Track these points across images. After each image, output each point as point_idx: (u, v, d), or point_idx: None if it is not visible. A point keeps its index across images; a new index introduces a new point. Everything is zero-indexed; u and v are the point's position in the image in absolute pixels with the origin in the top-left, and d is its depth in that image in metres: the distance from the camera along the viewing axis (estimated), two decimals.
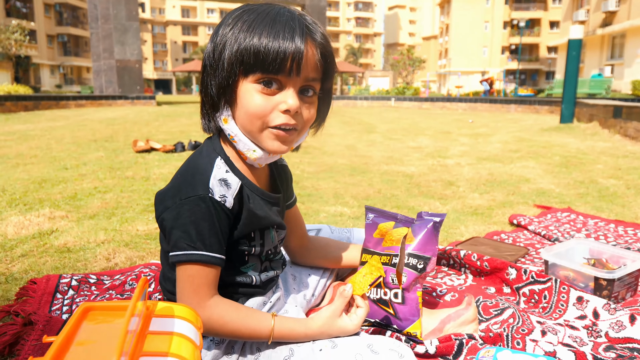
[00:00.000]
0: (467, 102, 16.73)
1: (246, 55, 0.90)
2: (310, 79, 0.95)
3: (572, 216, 2.42)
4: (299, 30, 0.90)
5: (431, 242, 1.18)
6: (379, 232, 1.19)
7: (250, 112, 0.93)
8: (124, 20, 16.69)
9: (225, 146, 1.02)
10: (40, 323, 1.16)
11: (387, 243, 1.19)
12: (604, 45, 28.47)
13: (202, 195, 0.93)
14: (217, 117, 0.99)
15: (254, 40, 0.89)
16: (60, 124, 8.19)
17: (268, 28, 0.89)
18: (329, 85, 1.02)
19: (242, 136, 0.97)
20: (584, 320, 1.30)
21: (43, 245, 1.96)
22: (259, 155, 0.99)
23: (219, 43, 0.93)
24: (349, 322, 0.99)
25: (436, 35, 64.68)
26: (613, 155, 4.71)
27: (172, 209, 0.94)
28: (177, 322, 0.73)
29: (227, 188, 0.96)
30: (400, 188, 3.18)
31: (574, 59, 7.99)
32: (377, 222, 1.19)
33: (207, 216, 0.92)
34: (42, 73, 46.23)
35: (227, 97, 0.95)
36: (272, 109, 0.93)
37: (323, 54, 0.95)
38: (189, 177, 0.96)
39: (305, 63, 0.92)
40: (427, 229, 1.17)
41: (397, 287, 1.16)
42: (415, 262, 1.16)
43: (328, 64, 0.97)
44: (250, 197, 1.01)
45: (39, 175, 3.47)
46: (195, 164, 0.99)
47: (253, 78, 0.92)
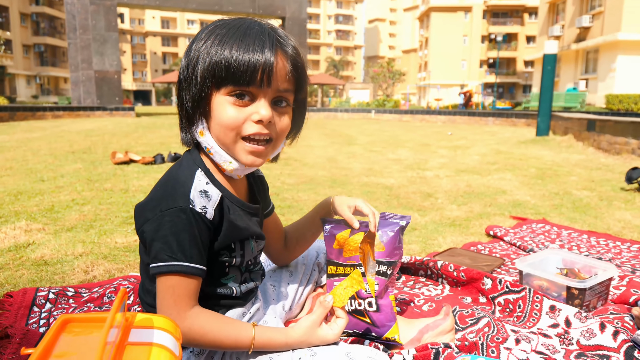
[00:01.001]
0: (446, 114, 16.99)
1: (217, 69, 0.92)
2: (282, 90, 0.97)
3: (546, 227, 2.48)
4: (269, 42, 0.93)
5: (398, 247, 1.20)
6: (337, 243, 1.20)
7: (223, 123, 0.95)
8: (103, 30, 16.56)
9: (204, 158, 1.04)
10: (17, 336, 1.15)
11: (347, 253, 1.19)
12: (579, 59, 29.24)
13: (183, 207, 0.94)
14: (194, 130, 1.01)
15: (225, 53, 0.92)
16: (37, 135, 8.07)
17: (238, 41, 0.92)
18: (302, 96, 1.04)
19: (218, 148, 0.99)
20: (556, 329, 1.34)
21: (19, 258, 1.93)
22: (235, 167, 1.01)
23: (192, 58, 0.96)
24: (329, 332, 1.00)
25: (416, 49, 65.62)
26: (587, 168, 4.84)
27: (153, 220, 0.95)
28: (157, 332, 0.73)
29: (208, 199, 0.97)
30: (380, 199, 3.21)
31: (549, 73, 8.21)
32: (333, 232, 1.20)
33: (187, 227, 0.93)
34: (18, 83, 45.45)
35: (202, 110, 0.97)
36: (245, 119, 0.95)
37: (294, 65, 0.97)
38: (170, 189, 0.97)
39: (276, 74, 0.94)
40: (394, 233, 1.19)
41: (369, 296, 1.17)
42: (385, 269, 1.18)
43: (300, 75, 0.99)
44: (230, 209, 1.02)
45: (14, 187, 3.41)
46: (175, 175, 1.00)
47: (225, 91, 0.94)
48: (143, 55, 70.94)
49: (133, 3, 17.34)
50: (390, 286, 1.21)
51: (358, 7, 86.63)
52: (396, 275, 1.22)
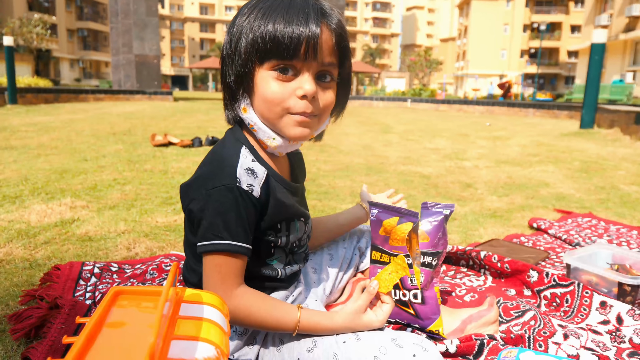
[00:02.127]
0: (484, 105, 16.59)
1: (261, 43, 0.90)
2: (326, 64, 0.94)
3: (593, 221, 2.39)
4: (314, 15, 0.90)
5: (442, 236, 1.17)
6: (384, 230, 1.18)
7: (267, 99, 0.93)
8: (144, 15, 16.84)
9: (248, 136, 1.03)
10: (67, 307, 1.18)
11: (394, 242, 1.17)
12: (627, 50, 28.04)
13: (230, 185, 0.93)
14: (237, 106, 0.99)
15: (269, 26, 0.89)
16: (80, 117, 8.30)
17: (282, 14, 0.90)
18: (347, 71, 1.01)
19: (262, 124, 0.98)
20: (607, 326, 1.28)
21: (65, 234, 1.99)
22: (279, 143, 0.99)
23: (235, 33, 0.94)
24: (374, 318, 0.98)
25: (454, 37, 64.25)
26: (635, 162, 4.64)
27: (199, 200, 0.94)
28: (206, 308, 0.73)
29: (254, 177, 0.96)
30: (417, 188, 3.17)
31: (597, 63, 7.88)
32: (380, 218, 1.18)
33: (234, 206, 0.93)
34: (62, 67, 46.92)
35: (245, 85, 0.96)
36: (290, 95, 0.93)
37: (339, 38, 0.95)
38: (215, 168, 0.96)
39: (321, 47, 0.91)
40: (438, 223, 1.16)
41: (415, 287, 1.15)
42: (430, 260, 1.16)
43: (344, 48, 0.97)
44: (276, 187, 1.01)
45: (59, 165, 3.52)
46: (220, 154, 0.99)
47: (269, 65, 0.92)
48: (181, 41, 71.97)
49: None
50: (435, 277, 1.18)
51: None
52: (441, 266, 1.19)
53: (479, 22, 52.03)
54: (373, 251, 1.21)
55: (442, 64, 55.58)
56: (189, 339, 0.65)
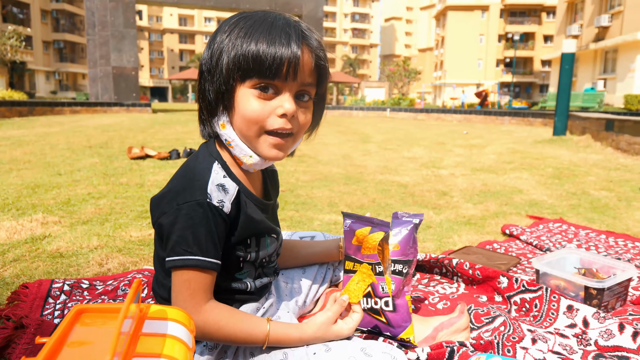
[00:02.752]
0: (462, 113, 16.85)
1: (243, 61, 0.91)
2: (306, 84, 0.96)
3: (563, 227, 2.44)
4: (295, 36, 0.92)
5: (413, 245, 1.19)
6: (356, 239, 1.19)
7: (247, 116, 0.94)
8: (121, 27, 16.72)
9: (222, 151, 1.03)
10: (32, 327, 1.16)
11: (366, 251, 1.17)
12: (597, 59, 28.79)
13: (200, 201, 0.93)
14: (215, 122, 1.00)
15: (251, 46, 0.91)
16: (55, 130, 8.17)
17: (265, 34, 0.91)
18: (323, 90, 1.03)
19: (239, 141, 0.98)
20: (574, 329, 1.31)
21: (35, 250, 1.95)
22: (255, 161, 1.00)
23: (216, 50, 0.95)
24: (344, 326, 0.99)
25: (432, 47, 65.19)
26: (605, 168, 4.76)
27: (169, 213, 0.94)
28: (170, 324, 0.73)
29: (225, 193, 0.97)
30: (394, 197, 3.19)
31: (567, 72, 8.08)
32: (353, 227, 1.18)
33: (204, 221, 0.93)
34: (37, 79, 46.17)
35: (225, 102, 0.96)
36: (269, 113, 0.94)
37: (318, 59, 0.97)
38: (186, 182, 0.97)
39: (302, 68, 0.93)
40: (408, 231, 1.18)
41: (386, 295, 1.16)
42: (401, 268, 1.17)
43: (322, 69, 0.98)
44: (246, 203, 1.02)
45: (32, 180, 3.46)
46: (192, 168, 0.99)
47: (250, 83, 0.93)
48: (160, 52, 71.57)
49: (151, 0, 17.46)
50: (406, 285, 1.20)
51: (374, 5, 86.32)
52: (412, 275, 1.20)
53: (455, 33, 52.92)
54: (346, 261, 1.22)
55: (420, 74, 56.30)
56: (151, 356, 0.65)
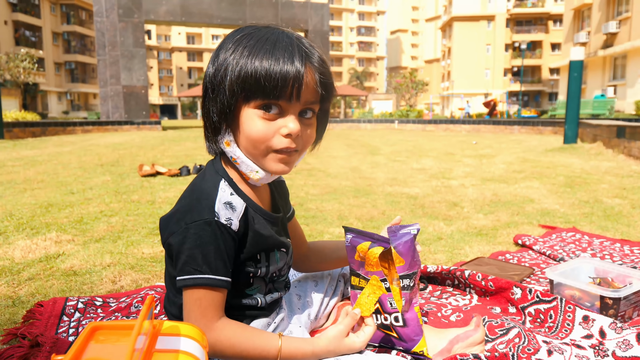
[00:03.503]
0: (471, 123, 16.81)
1: (247, 82, 0.92)
2: (309, 102, 0.97)
3: (577, 236, 2.42)
4: (298, 55, 0.93)
5: (415, 256, 1.17)
6: (358, 255, 1.17)
7: (252, 137, 0.95)
8: (131, 47, 17.01)
9: (227, 168, 1.04)
10: (47, 344, 1.17)
11: (369, 267, 1.16)
12: (606, 66, 28.66)
13: (208, 220, 0.94)
14: (220, 140, 1.00)
15: (256, 65, 0.91)
16: (67, 150, 8.28)
17: (268, 54, 0.91)
18: (327, 106, 1.04)
19: (245, 158, 0.99)
20: (590, 340, 1.29)
21: (50, 269, 1.97)
22: (262, 176, 1.01)
23: (220, 67, 0.95)
24: (356, 339, 0.99)
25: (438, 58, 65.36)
26: (617, 175, 4.71)
27: (178, 233, 0.95)
28: (183, 340, 0.73)
29: (233, 211, 0.97)
30: (404, 209, 3.18)
31: (576, 80, 8.06)
32: (354, 243, 1.17)
33: (212, 240, 0.94)
34: (50, 100, 46.92)
35: (229, 122, 0.97)
36: (274, 133, 0.95)
37: (321, 76, 0.97)
38: (194, 201, 0.97)
39: (306, 87, 0.94)
40: (409, 243, 1.15)
41: (395, 310, 1.15)
42: (408, 282, 1.16)
43: (326, 86, 0.99)
44: (255, 218, 1.02)
45: (45, 199, 3.50)
46: (199, 187, 1.00)
47: (254, 103, 0.94)
48: (169, 71, 72.46)
49: (160, 20, 17.77)
50: (414, 297, 1.19)
51: (380, 18, 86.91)
52: (418, 286, 1.19)
53: (461, 43, 53.05)
54: (352, 276, 1.21)
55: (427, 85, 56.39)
56: None
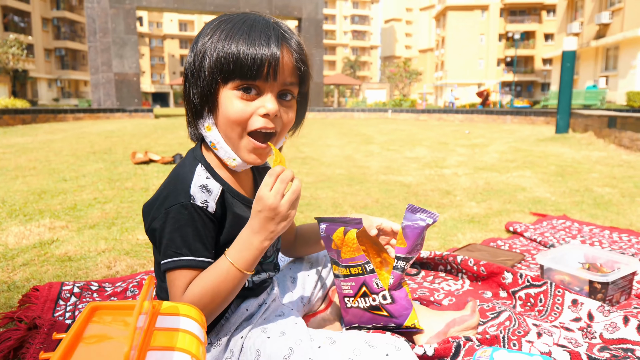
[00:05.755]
0: (464, 113, 16.85)
1: (225, 63, 0.94)
2: (287, 84, 0.99)
3: (567, 223, 2.46)
4: (274, 37, 0.95)
5: (420, 243, 1.18)
6: (334, 244, 1.17)
7: (230, 117, 0.97)
8: (122, 33, 16.82)
9: (208, 153, 1.06)
10: (45, 326, 1.18)
11: (349, 254, 1.15)
12: (598, 56, 28.76)
13: (184, 203, 0.96)
14: (200, 124, 1.03)
15: (232, 48, 0.94)
16: (59, 137, 8.22)
17: (245, 36, 0.94)
18: (305, 90, 1.06)
19: (224, 144, 1.01)
20: (578, 322, 1.32)
21: (44, 255, 1.97)
22: (239, 163, 1.03)
23: (199, 52, 0.98)
24: (266, 191, 0.92)
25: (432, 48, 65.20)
26: (608, 165, 4.76)
27: (159, 218, 0.98)
28: (182, 319, 0.75)
29: (209, 194, 1.00)
30: (397, 197, 3.21)
31: (568, 70, 8.09)
32: (329, 233, 1.17)
33: (190, 222, 0.96)
34: (40, 87, 46.37)
35: (210, 104, 0.99)
36: (252, 113, 0.97)
37: (298, 59, 0.99)
38: (171, 187, 1.00)
39: (282, 68, 0.96)
40: (419, 230, 1.16)
41: (382, 289, 1.17)
42: (403, 264, 1.17)
43: (304, 68, 1.01)
44: (233, 203, 1.04)
45: (38, 186, 3.48)
46: (177, 173, 1.03)
47: (232, 85, 0.96)
48: (161, 58, 71.79)
49: (152, 6, 17.55)
50: (403, 277, 1.20)
51: (374, 7, 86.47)
52: (411, 270, 1.21)
53: (455, 33, 52.93)
54: (334, 265, 1.23)
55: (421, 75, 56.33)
56: (165, 349, 0.67)
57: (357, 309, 1.20)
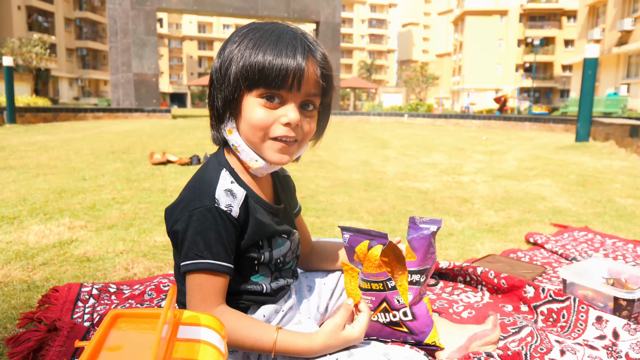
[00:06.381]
0: (481, 119, 16.69)
1: (250, 71, 0.95)
2: (310, 94, 1.00)
3: (589, 235, 2.41)
4: (301, 48, 0.96)
5: (430, 252, 1.17)
6: (357, 256, 1.16)
7: (252, 124, 0.98)
8: (143, 34, 17.02)
9: (230, 157, 1.07)
10: (65, 329, 1.19)
11: (369, 269, 1.13)
12: (620, 64, 28.31)
13: (209, 206, 0.97)
14: (223, 128, 1.04)
15: (259, 57, 0.95)
16: (79, 136, 8.33)
17: (272, 46, 0.95)
18: (328, 101, 1.07)
19: (245, 146, 1.02)
20: (603, 340, 1.29)
21: (63, 254, 1.99)
22: (261, 165, 1.03)
23: (225, 59, 0.99)
24: (352, 331, 1.00)
25: (450, 53, 64.84)
26: (631, 175, 4.67)
27: (182, 221, 0.98)
28: (204, 330, 0.74)
29: (233, 198, 1.00)
30: (415, 204, 3.18)
31: (590, 77, 7.96)
32: (352, 244, 1.16)
33: (213, 226, 0.97)
34: (61, 85, 47.12)
35: (232, 109, 1.01)
36: (274, 121, 0.98)
37: (323, 71, 1.00)
38: (196, 190, 1.01)
39: (306, 79, 0.97)
40: (426, 240, 1.15)
41: (403, 306, 1.15)
42: (418, 278, 1.16)
43: (327, 80, 1.02)
44: (255, 208, 1.04)
45: (58, 185, 3.53)
46: (201, 177, 1.04)
47: (257, 93, 0.97)
48: (180, 59, 72.52)
49: (172, 8, 17.74)
50: (424, 291, 1.18)
51: (392, 11, 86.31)
52: (430, 281, 1.19)
53: (473, 38, 52.57)
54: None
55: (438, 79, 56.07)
56: None
57: (376, 323, 1.19)
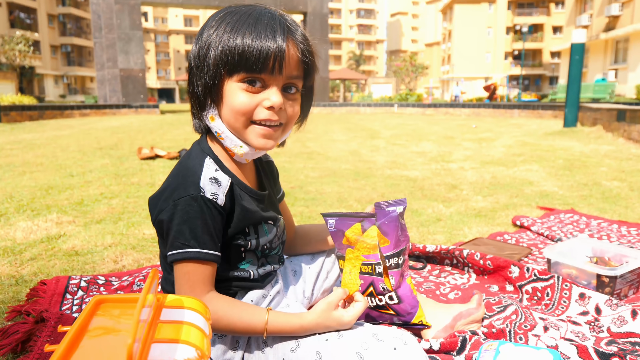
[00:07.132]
0: (471, 107, 16.76)
1: (230, 56, 0.93)
2: (292, 77, 0.99)
3: (575, 217, 2.44)
4: (280, 30, 0.94)
5: (402, 233, 1.16)
6: (347, 239, 1.16)
7: (235, 109, 0.96)
8: (128, 29, 16.84)
9: (214, 145, 1.06)
10: (52, 319, 1.19)
11: (362, 251, 1.14)
12: (608, 49, 28.49)
13: (194, 195, 0.96)
14: (205, 115, 1.02)
15: (237, 40, 0.93)
16: (65, 133, 8.26)
17: (251, 29, 0.93)
18: (310, 83, 1.06)
19: (229, 133, 1.01)
20: (586, 316, 1.31)
21: (51, 249, 1.99)
22: (246, 151, 1.02)
23: (203, 45, 0.97)
24: (345, 314, 1.00)
25: (439, 42, 64.86)
26: (617, 158, 4.72)
27: (167, 210, 0.97)
28: (187, 312, 0.75)
29: (218, 186, 0.99)
30: (403, 191, 3.20)
31: (577, 63, 8.02)
32: (341, 228, 1.16)
33: (199, 214, 0.96)
34: (46, 83, 46.56)
35: (213, 96, 0.99)
36: (256, 105, 0.97)
37: (304, 52, 0.98)
38: (180, 179, 0.99)
39: (287, 61, 0.95)
40: (394, 222, 1.14)
41: (388, 291, 1.16)
42: (396, 261, 1.16)
43: (309, 62, 1.00)
44: (240, 195, 1.04)
45: (45, 182, 3.50)
46: (185, 165, 1.02)
47: (237, 77, 0.95)
48: (166, 54, 71.87)
49: (156, 1, 17.57)
50: (404, 271, 1.19)
51: (380, 1, 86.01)
52: (408, 259, 1.20)
53: (462, 26, 52.57)
54: (339, 261, 1.22)
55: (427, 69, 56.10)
56: (169, 342, 0.67)
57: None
